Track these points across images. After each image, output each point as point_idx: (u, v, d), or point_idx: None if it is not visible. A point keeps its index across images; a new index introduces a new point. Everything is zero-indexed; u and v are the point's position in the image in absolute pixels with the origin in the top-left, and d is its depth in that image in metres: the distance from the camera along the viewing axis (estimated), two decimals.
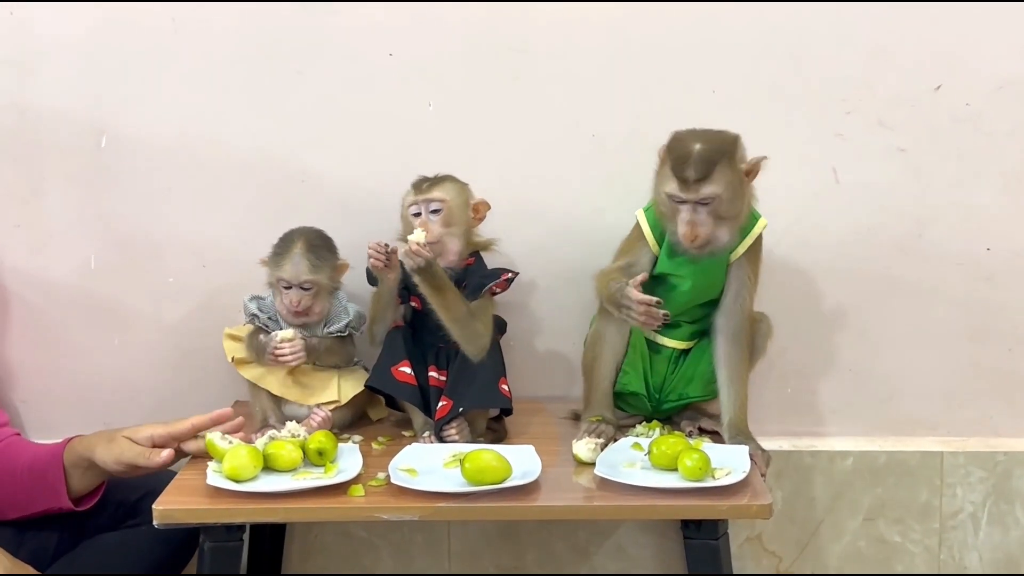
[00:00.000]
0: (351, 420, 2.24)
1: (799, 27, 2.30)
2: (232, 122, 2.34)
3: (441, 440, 2.06)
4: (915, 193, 2.36)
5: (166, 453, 1.96)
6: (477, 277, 2.14)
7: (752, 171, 2.02)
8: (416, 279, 2.05)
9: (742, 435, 2.07)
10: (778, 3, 2.28)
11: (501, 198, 2.25)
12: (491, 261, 2.21)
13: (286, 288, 2.16)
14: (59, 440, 2.08)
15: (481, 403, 2.11)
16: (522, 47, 2.32)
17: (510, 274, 2.15)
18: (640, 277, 2.02)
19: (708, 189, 1.97)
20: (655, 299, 1.98)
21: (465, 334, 2.09)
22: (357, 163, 2.35)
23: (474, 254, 2.19)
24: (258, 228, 2.33)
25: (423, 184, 2.15)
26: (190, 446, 2.01)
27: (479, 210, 2.18)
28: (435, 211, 2.12)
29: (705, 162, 1.96)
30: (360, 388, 2.19)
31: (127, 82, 2.32)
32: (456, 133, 2.34)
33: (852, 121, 2.33)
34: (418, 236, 2.03)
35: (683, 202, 1.99)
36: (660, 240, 2.10)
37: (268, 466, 1.91)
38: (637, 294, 1.99)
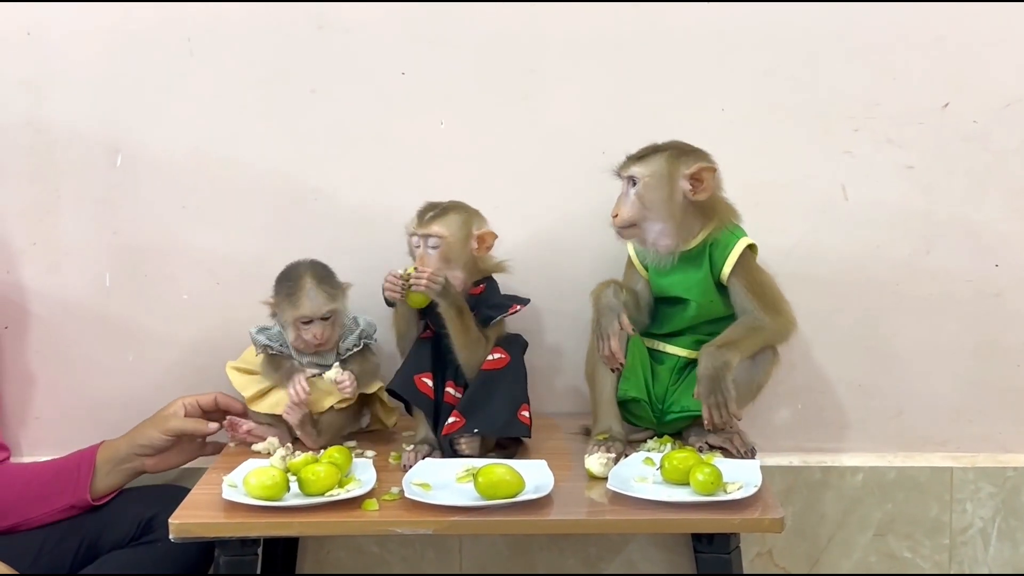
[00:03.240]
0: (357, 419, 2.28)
1: (808, 46, 2.32)
2: (246, 141, 2.36)
3: (454, 454, 2.08)
4: (923, 210, 2.37)
5: (214, 425, 2.20)
6: (485, 307, 2.14)
7: (696, 175, 2.07)
8: (438, 302, 2.07)
9: (722, 352, 2.05)
10: (787, 22, 2.31)
11: (512, 216, 2.27)
12: (504, 280, 2.22)
13: (305, 324, 2.16)
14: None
15: (497, 430, 2.10)
16: (533, 67, 2.34)
17: (519, 307, 2.16)
18: (627, 326, 2.11)
19: (636, 168, 2.08)
20: (621, 358, 2.11)
21: (472, 360, 2.12)
22: (370, 181, 2.37)
23: (485, 279, 2.18)
24: (272, 246, 2.35)
25: (425, 215, 2.11)
26: (213, 426, 2.21)
27: (484, 240, 2.13)
28: (434, 246, 2.10)
29: (646, 149, 2.11)
30: (371, 383, 2.22)
31: (143, 101, 2.34)
32: (467, 151, 2.36)
33: (860, 138, 2.35)
34: (408, 269, 2.07)
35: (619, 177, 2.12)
36: (648, 267, 2.17)
37: (303, 491, 1.89)
38: (619, 329, 2.10)
